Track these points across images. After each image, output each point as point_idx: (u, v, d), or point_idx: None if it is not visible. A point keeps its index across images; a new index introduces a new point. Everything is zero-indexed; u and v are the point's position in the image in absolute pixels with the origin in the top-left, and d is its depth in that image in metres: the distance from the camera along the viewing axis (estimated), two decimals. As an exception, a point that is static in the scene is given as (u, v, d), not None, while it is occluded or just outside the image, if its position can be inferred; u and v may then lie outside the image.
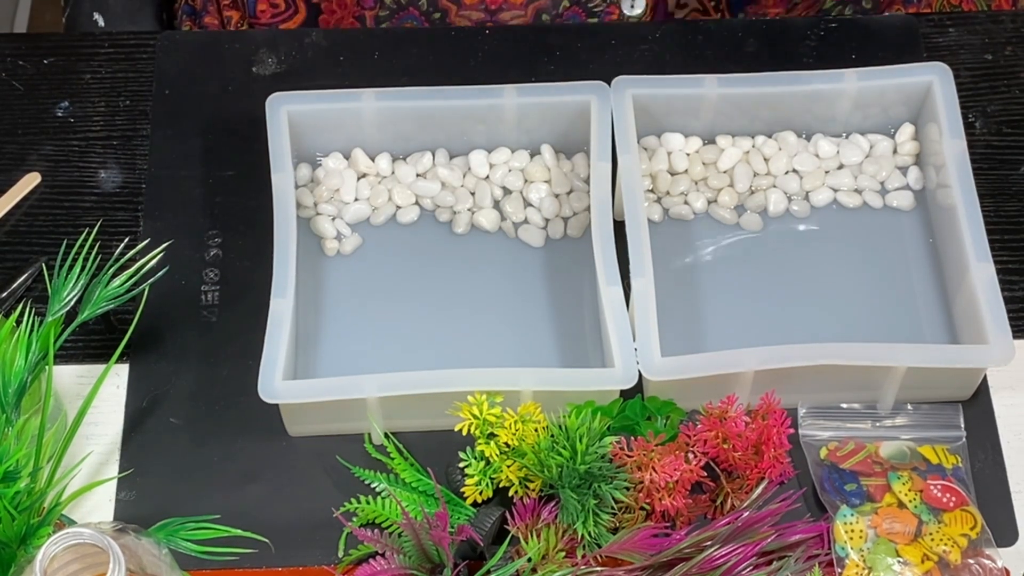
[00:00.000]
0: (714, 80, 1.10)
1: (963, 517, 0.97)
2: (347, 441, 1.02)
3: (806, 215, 1.12)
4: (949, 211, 1.07)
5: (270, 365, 0.98)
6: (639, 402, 1.01)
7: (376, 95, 1.09)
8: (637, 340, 0.99)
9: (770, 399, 0.99)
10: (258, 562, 0.98)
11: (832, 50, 1.08)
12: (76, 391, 1.05)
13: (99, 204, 1.13)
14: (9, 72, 1.19)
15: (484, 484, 0.96)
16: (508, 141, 1.13)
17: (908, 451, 1.01)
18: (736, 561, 0.94)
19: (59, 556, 0.79)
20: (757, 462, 0.98)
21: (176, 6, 1.38)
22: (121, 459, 1.02)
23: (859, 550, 0.96)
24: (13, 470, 0.91)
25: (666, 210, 1.12)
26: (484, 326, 1.07)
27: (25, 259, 1.10)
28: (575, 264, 1.09)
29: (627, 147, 1.06)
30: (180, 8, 1.37)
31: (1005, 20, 1.23)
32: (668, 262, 1.08)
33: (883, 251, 1.10)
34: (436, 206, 1.12)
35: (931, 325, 1.07)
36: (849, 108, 1.12)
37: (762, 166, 1.13)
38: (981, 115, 1.18)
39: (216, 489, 1.01)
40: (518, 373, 0.99)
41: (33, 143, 1.16)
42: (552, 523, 0.95)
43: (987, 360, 1.00)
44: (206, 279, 1.09)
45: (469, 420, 0.96)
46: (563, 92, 1.09)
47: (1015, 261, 1.11)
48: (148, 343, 1.06)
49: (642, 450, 0.97)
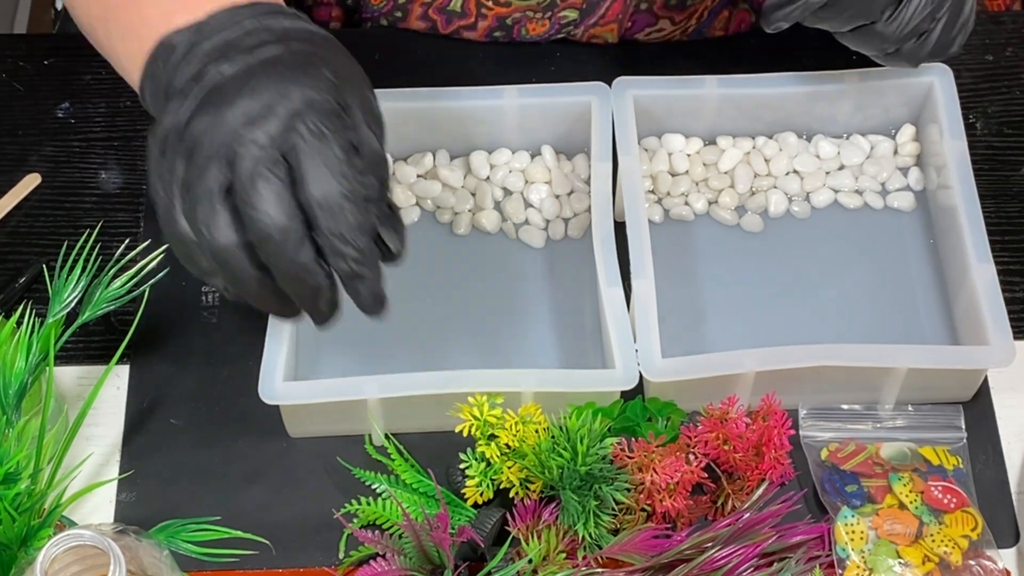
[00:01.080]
0: (715, 81, 1.10)
1: (964, 518, 0.97)
2: (348, 442, 1.02)
3: (807, 216, 1.12)
4: (950, 212, 1.07)
5: (271, 366, 0.98)
6: (640, 403, 1.01)
7: (376, 96, 1.09)
8: (638, 341, 0.99)
9: (771, 400, 0.99)
10: (259, 563, 0.98)
11: (833, 51, 1.07)
12: (77, 392, 1.05)
13: (100, 205, 1.13)
14: (9, 73, 1.19)
15: (485, 485, 0.96)
16: (509, 142, 1.13)
17: (909, 452, 1.01)
18: (737, 562, 0.94)
19: (60, 558, 0.79)
20: (758, 463, 0.98)
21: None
22: (122, 460, 1.02)
23: (860, 551, 0.96)
24: (14, 471, 0.91)
25: (667, 211, 1.12)
26: (485, 327, 1.07)
27: (25, 260, 1.10)
28: (576, 265, 1.09)
29: (628, 148, 1.06)
30: None
31: (1006, 21, 1.23)
32: (669, 263, 1.08)
33: (884, 252, 1.10)
34: (437, 207, 1.12)
35: (932, 326, 1.07)
36: (850, 109, 1.12)
37: (763, 167, 1.13)
38: (982, 116, 1.18)
39: (217, 490, 1.01)
40: (519, 374, 0.99)
41: (34, 144, 1.16)
42: (553, 524, 0.95)
43: (988, 361, 1.00)
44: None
45: (470, 421, 0.96)
46: (564, 93, 1.09)
47: (1016, 262, 1.11)
48: (149, 344, 1.06)
49: (643, 451, 0.97)
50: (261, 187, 0.77)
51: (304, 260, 0.79)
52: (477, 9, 1.17)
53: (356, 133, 0.81)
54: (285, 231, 0.78)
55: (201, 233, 0.79)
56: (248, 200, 0.78)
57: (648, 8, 1.18)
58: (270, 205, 0.77)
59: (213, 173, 0.78)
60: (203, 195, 0.78)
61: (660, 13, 1.19)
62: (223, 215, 0.78)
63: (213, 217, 0.78)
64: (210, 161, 0.78)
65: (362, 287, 0.81)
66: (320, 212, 0.78)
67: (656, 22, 1.19)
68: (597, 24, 1.18)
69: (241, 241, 0.79)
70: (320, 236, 0.79)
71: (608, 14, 1.17)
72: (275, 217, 0.77)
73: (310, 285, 0.80)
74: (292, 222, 0.78)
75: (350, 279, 0.81)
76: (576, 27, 1.18)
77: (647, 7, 1.18)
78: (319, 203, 0.78)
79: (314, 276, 0.80)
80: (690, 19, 1.20)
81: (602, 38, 1.19)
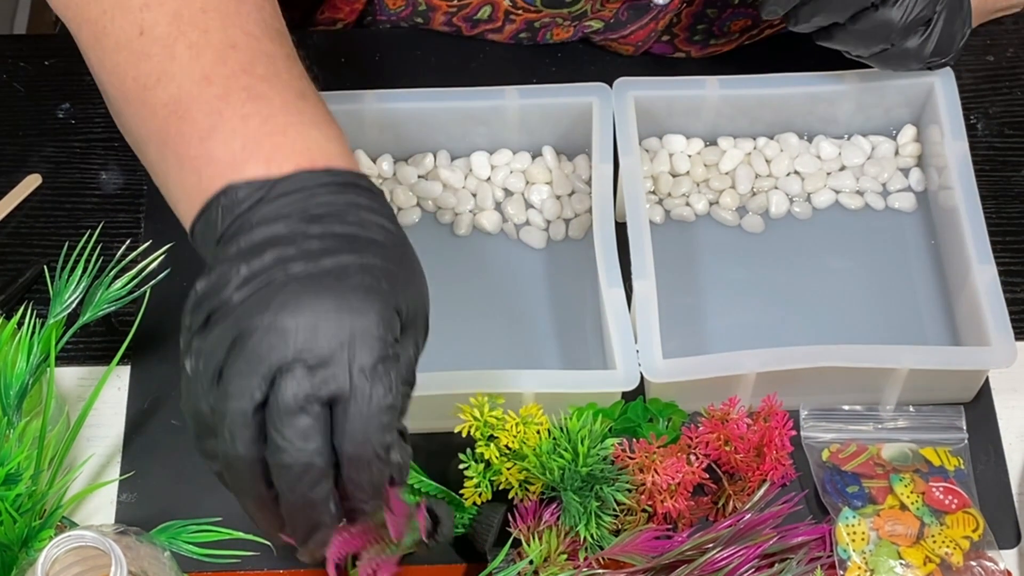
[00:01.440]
0: (716, 82, 1.10)
1: (965, 519, 0.97)
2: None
3: (808, 217, 1.12)
4: (951, 213, 1.07)
5: (272, 367, 0.98)
6: (641, 404, 1.01)
7: (377, 96, 1.09)
8: (639, 342, 0.99)
9: (772, 401, 0.99)
10: (260, 565, 0.98)
11: (833, 51, 1.07)
12: (77, 393, 1.05)
13: (100, 206, 1.13)
14: (10, 73, 1.19)
15: (484, 486, 0.96)
16: (510, 143, 1.13)
17: (910, 453, 1.01)
18: (738, 563, 0.94)
19: (61, 559, 0.79)
20: (759, 464, 0.98)
21: None
22: (123, 461, 1.02)
23: (861, 552, 0.96)
24: (15, 473, 0.90)
25: (668, 212, 1.12)
26: (485, 328, 1.07)
27: (26, 261, 1.10)
28: (576, 266, 1.09)
29: (629, 149, 1.06)
30: None
31: (1006, 22, 1.22)
32: (670, 264, 1.08)
33: (885, 253, 1.10)
34: (438, 208, 1.12)
35: (933, 327, 1.07)
36: (851, 110, 1.12)
37: (764, 168, 1.13)
38: (983, 117, 1.18)
39: (218, 491, 1.00)
40: (519, 375, 0.99)
41: (34, 145, 1.16)
42: (554, 525, 0.95)
43: (989, 362, 1.00)
44: (207, 281, 1.09)
45: (470, 422, 0.96)
46: (565, 94, 1.09)
47: (1017, 263, 1.11)
48: (150, 345, 1.06)
49: (644, 452, 0.97)
50: (299, 422, 0.74)
51: (316, 498, 0.76)
52: (505, 16, 1.16)
53: (403, 369, 0.78)
54: (308, 468, 0.75)
55: (223, 436, 0.76)
56: (280, 428, 0.74)
57: (670, 40, 1.18)
58: (301, 441, 0.74)
59: (256, 383, 0.74)
60: (237, 401, 0.75)
61: (680, 46, 1.18)
62: (251, 430, 0.75)
63: (241, 430, 0.75)
64: (254, 369, 0.74)
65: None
66: (348, 463, 0.75)
67: (673, 52, 1.19)
68: (618, 40, 1.18)
69: (259, 456, 0.76)
70: (341, 479, 0.76)
71: (631, 36, 1.17)
72: (302, 454, 0.74)
73: (312, 520, 0.77)
74: (318, 460, 0.75)
75: (352, 514, 0.79)
76: (596, 35, 1.18)
77: (669, 40, 1.18)
78: (350, 457, 0.75)
79: (319, 515, 0.77)
80: (705, 54, 1.20)
81: (615, 50, 1.19)
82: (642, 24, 1.15)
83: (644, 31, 1.15)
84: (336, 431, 0.75)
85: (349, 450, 0.75)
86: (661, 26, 1.15)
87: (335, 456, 0.76)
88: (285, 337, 0.74)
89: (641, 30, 1.15)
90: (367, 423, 0.75)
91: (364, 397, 0.75)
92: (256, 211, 0.78)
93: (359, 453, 0.75)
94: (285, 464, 0.75)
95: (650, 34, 1.16)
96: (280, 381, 0.74)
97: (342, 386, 0.75)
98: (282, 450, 0.74)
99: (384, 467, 0.76)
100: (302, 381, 0.74)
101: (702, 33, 1.17)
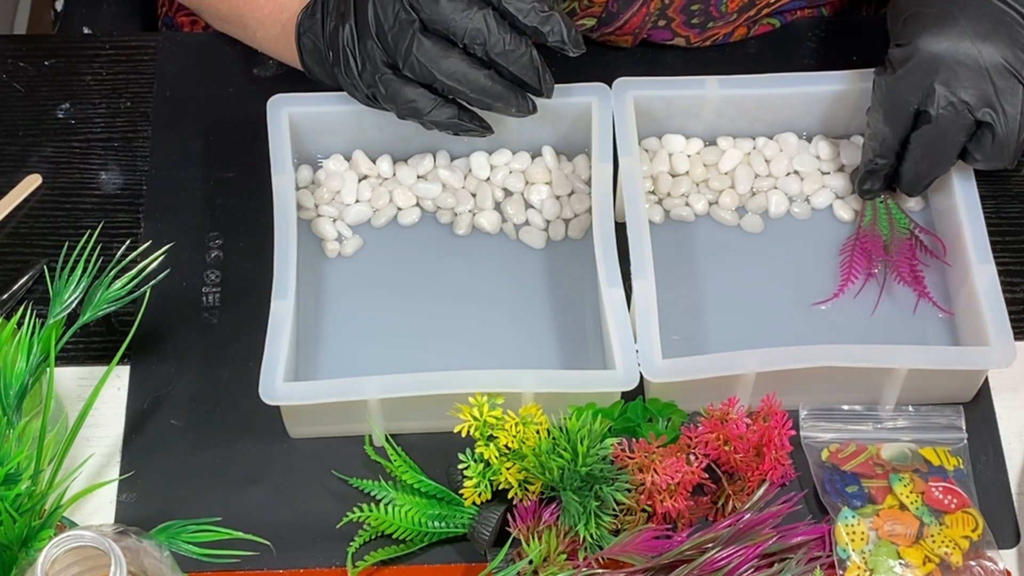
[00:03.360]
0: (715, 82, 1.10)
1: (964, 519, 0.97)
2: (348, 443, 1.02)
3: (807, 217, 1.12)
4: (950, 212, 1.07)
5: (271, 367, 0.98)
6: (640, 404, 1.01)
7: (377, 97, 1.09)
8: (638, 342, 0.99)
9: (771, 401, 0.99)
10: (260, 564, 0.98)
11: (833, 51, 1.08)
12: (77, 393, 1.05)
13: (100, 206, 1.13)
14: (10, 74, 1.19)
15: (483, 486, 0.96)
16: (509, 143, 1.13)
17: (909, 453, 1.01)
18: (738, 563, 0.94)
19: (60, 559, 0.79)
20: (758, 464, 0.98)
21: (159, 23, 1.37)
22: (122, 461, 1.02)
23: (860, 552, 0.96)
24: (14, 472, 0.91)
25: (667, 212, 1.12)
26: (485, 328, 1.07)
27: (26, 261, 1.10)
28: (576, 266, 1.09)
29: (628, 149, 1.06)
30: (161, 20, 1.36)
31: (1006, 21, 1.22)
32: (669, 264, 1.08)
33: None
34: (437, 208, 1.12)
35: (932, 327, 1.07)
36: (850, 110, 1.12)
37: (763, 168, 1.13)
38: (982, 116, 1.18)
39: (217, 491, 1.01)
40: (519, 375, 0.99)
41: (34, 145, 1.16)
42: (553, 525, 0.95)
43: (988, 362, 1.00)
44: (207, 281, 1.09)
45: (469, 422, 0.96)
46: (564, 94, 1.09)
47: (1016, 263, 1.11)
48: (149, 345, 1.06)
49: (643, 452, 0.97)
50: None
51: (512, 44, 0.97)
52: None
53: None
54: (485, 25, 0.96)
55: (427, 68, 0.97)
56: (449, 25, 0.97)
57: (667, 25, 1.18)
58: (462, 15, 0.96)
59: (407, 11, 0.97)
60: (401, 33, 0.97)
61: (679, 31, 1.18)
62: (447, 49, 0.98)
63: (433, 50, 0.98)
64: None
65: (555, 30, 0.96)
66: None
67: (672, 38, 1.19)
68: (614, 33, 1.18)
69: (460, 55, 0.98)
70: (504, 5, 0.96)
71: (626, 27, 1.17)
72: (473, 20, 0.96)
73: (527, 58, 0.98)
74: (489, 19, 0.96)
75: (543, 25, 0.97)
76: (592, 32, 1.18)
77: (665, 24, 1.18)
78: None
79: (525, 52, 0.97)
80: (705, 40, 1.20)
81: (616, 44, 1.20)
82: (634, 11, 1.15)
83: (638, 17, 1.15)
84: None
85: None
86: (654, 8, 1.15)
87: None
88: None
89: (635, 17, 1.15)
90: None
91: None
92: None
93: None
94: (473, 31, 0.97)
95: (644, 19, 1.16)
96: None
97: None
98: (458, 25, 0.97)
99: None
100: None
101: (699, 15, 1.17)
